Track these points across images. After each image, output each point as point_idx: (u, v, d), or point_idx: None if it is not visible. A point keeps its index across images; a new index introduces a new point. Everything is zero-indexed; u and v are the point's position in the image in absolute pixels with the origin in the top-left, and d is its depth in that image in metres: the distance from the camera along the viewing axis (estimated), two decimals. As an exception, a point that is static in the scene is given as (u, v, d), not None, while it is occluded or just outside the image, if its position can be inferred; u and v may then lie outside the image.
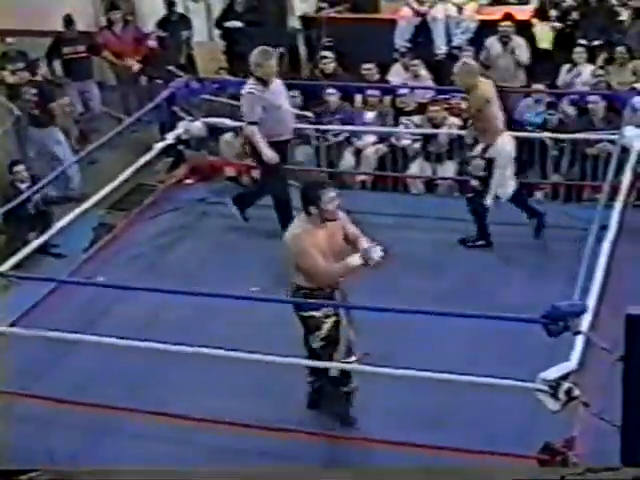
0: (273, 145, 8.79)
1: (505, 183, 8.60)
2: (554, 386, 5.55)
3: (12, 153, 11.00)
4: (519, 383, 5.80)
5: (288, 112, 9.01)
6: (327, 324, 6.24)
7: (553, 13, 12.03)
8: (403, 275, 8.24)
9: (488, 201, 8.59)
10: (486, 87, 8.53)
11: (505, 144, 8.51)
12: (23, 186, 9.69)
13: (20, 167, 9.92)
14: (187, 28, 13.15)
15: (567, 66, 11.36)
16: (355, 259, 6.13)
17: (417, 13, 12.40)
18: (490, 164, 8.50)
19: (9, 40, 12.10)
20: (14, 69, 11.71)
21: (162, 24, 13.10)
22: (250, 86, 8.73)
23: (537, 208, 8.85)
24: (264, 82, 8.71)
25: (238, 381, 6.76)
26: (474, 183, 8.64)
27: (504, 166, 8.49)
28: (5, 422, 6.52)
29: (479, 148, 8.58)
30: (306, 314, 6.26)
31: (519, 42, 11.61)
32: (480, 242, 8.82)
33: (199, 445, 6.39)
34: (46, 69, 12.41)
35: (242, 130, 9.17)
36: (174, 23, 13.09)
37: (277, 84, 8.88)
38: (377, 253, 6.13)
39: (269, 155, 8.73)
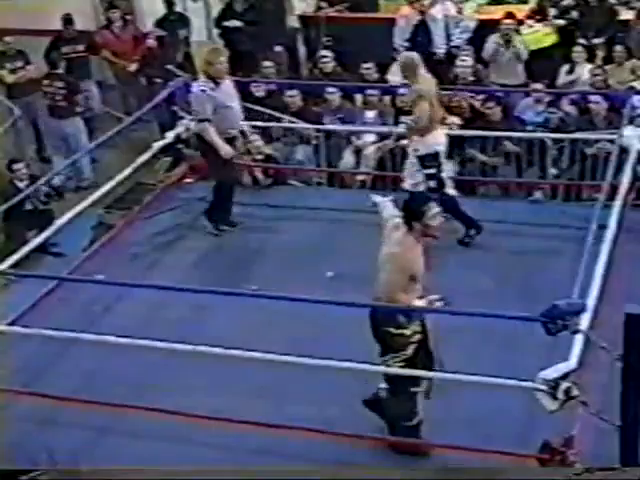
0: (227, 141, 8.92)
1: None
2: (553, 385, 5.55)
3: (11, 152, 11.01)
4: (518, 382, 5.81)
5: (237, 111, 9.09)
6: (413, 345, 6.13)
7: (552, 12, 12.04)
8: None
9: (451, 191, 8.70)
10: (425, 82, 8.64)
11: (436, 138, 8.62)
12: (22, 184, 9.71)
13: (19, 165, 9.96)
14: (185, 27, 13.17)
15: (566, 66, 11.37)
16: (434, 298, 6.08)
17: (416, 7, 12.36)
18: (437, 158, 8.59)
19: (7, 39, 12.09)
20: (13, 68, 11.75)
21: (160, 23, 13.12)
22: (201, 85, 8.82)
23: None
24: (214, 81, 8.78)
25: (238, 379, 6.76)
26: (431, 184, 8.65)
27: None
28: (5, 420, 6.53)
29: (420, 147, 8.68)
30: (396, 331, 6.11)
31: (520, 39, 11.63)
32: (472, 232, 8.83)
33: (200, 443, 6.40)
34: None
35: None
36: (173, 22, 13.11)
37: (227, 83, 8.97)
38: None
39: (226, 149, 8.87)
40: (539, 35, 11.85)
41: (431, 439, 6.30)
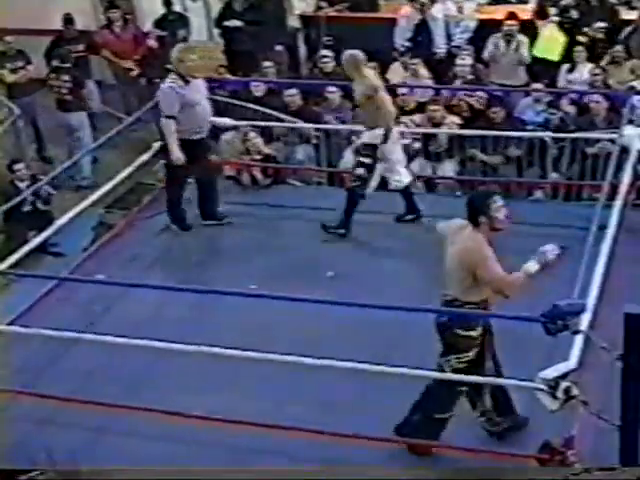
0: (189, 143, 8.89)
1: (396, 171, 8.94)
2: (553, 385, 5.55)
3: (11, 152, 11.01)
4: (518, 382, 5.83)
5: (204, 110, 9.05)
6: (476, 348, 6.13)
7: (552, 11, 12.04)
8: (403, 273, 8.26)
9: (369, 190, 8.83)
10: (373, 76, 8.93)
11: (380, 133, 8.78)
12: (22, 185, 9.72)
13: (20, 165, 9.97)
14: (184, 27, 13.15)
15: (567, 66, 11.37)
16: (532, 265, 6.07)
17: (417, 7, 12.34)
18: (375, 151, 8.74)
19: (8, 39, 12.10)
20: (13, 68, 11.77)
21: (159, 23, 13.11)
22: (170, 82, 8.86)
23: (418, 208, 9.18)
24: (184, 79, 8.80)
25: (239, 379, 6.77)
26: (359, 171, 8.84)
27: (389, 153, 8.82)
28: (5, 421, 6.53)
29: (364, 136, 8.87)
30: (464, 333, 6.08)
31: (522, 40, 11.62)
32: (340, 231, 9.01)
33: (200, 443, 6.40)
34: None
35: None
36: (172, 22, 13.10)
37: (198, 82, 8.98)
38: (553, 252, 6.12)
39: (176, 155, 8.86)
40: (551, 43, 11.81)
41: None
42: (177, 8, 13.38)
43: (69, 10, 12.70)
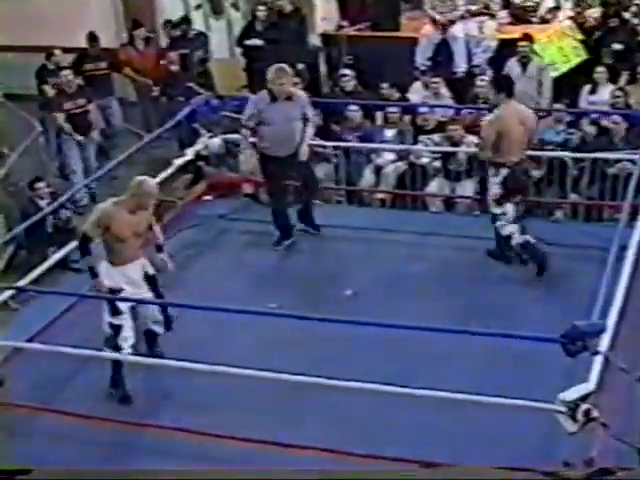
0: (269, 159, 8.97)
1: None
2: (573, 407, 5.51)
3: (33, 169, 11.04)
4: (537, 404, 5.77)
5: (280, 134, 8.92)
6: None
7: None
8: (420, 293, 8.22)
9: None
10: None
11: None
12: (43, 202, 9.73)
13: (41, 184, 9.95)
14: (203, 46, 13.16)
15: (588, 87, 11.32)
16: None
17: (438, 26, 12.35)
18: None
19: (57, 53, 12.21)
20: (55, 82, 11.84)
21: (177, 41, 13.14)
22: (259, 95, 9.00)
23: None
24: (273, 97, 8.85)
25: (258, 398, 6.73)
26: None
27: None
28: (22, 436, 6.53)
29: None
30: None
31: (540, 63, 11.57)
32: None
33: (215, 461, 6.36)
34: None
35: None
36: (191, 41, 13.13)
37: (287, 105, 8.91)
38: None
39: (247, 159, 9.13)
40: (567, 50, 11.78)
41: (452, 460, 6.24)
42: (199, 26, 13.40)
43: (93, 28, 12.76)
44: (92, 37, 12.68)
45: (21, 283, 7.85)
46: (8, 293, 7.90)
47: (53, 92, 11.94)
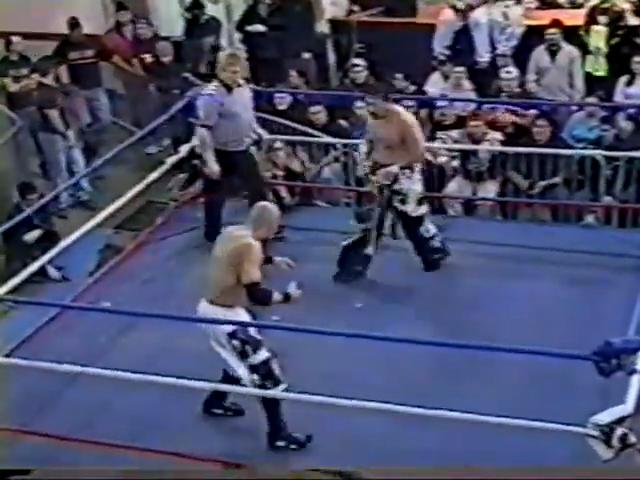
0: (226, 154, 9.06)
1: None
2: (607, 431, 5.50)
3: (12, 168, 11.07)
4: (568, 427, 5.76)
5: (245, 122, 9.18)
6: None
7: (602, 20, 11.94)
8: (439, 305, 8.23)
9: None
10: None
11: None
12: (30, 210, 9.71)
13: (33, 196, 9.85)
14: (214, 33, 13.14)
15: (624, 78, 11.31)
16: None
17: (458, 12, 12.36)
18: None
19: (15, 39, 12.13)
20: (17, 75, 11.78)
21: (189, 27, 13.13)
22: (211, 89, 9.04)
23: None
24: (227, 87, 8.96)
25: (257, 420, 6.75)
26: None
27: None
28: (4, 461, 6.53)
29: None
30: None
31: (570, 50, 11.57)
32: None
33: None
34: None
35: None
36: (202, 26, 13.12)
37: (242, 92, 9.12)
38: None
39: (212, 168, 9.07)
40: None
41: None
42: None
43: (78, 13, 12.72)
44: (73, 23, 12.56)
45: (-1, 292, 7.86)
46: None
47: (16, 87, 11.92)
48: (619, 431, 5.50)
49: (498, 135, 10.51)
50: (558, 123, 10.75)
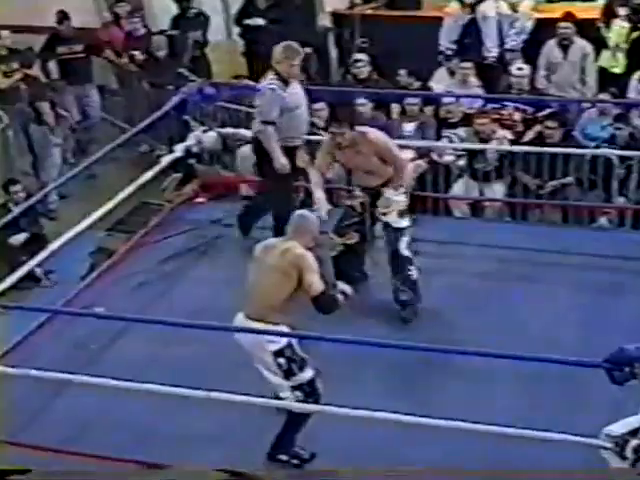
0: (287, 150, 8.98)
1: None
2: (620, 443, 5.50)
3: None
4: (580, 439, 5.76)
5: (304, 118, 9.16)
6: None
7: (622, 12, 11.92)
8: (445, 309, 8.23)
9: None
10: None
11: None
12: (17, 209, 9.73)
13: (17, 187, 9.93)
14: (201, 28, 13.14)
15: (638, 74, 11.31)
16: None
17: (466, 4, 12.34)
18: None
19: (4, 34, 12.13)
20: (7, 71, 11.81)
21: (176, 22, 13.14)
22: (270, 83, 8.88)
23: None
24: (284, 81, 8.87)
25: (256, 430, 6.75)
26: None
27: None
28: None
29: None
30: None
31: (583, 45, 11.56)
32: None
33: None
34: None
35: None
36: (189, 21, 13.12)
37: (297, 86, 9.06)
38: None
39: (282, 162, 8.90)
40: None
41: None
42: (193, 4, 13.39)
43: (69, 6, 12.75)
44: (62, 16, 12.59)
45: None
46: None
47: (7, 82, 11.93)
48: (633, 442, 5.50)
49: (507, 133, 10.50)
50: (569, 121, 10.75)
